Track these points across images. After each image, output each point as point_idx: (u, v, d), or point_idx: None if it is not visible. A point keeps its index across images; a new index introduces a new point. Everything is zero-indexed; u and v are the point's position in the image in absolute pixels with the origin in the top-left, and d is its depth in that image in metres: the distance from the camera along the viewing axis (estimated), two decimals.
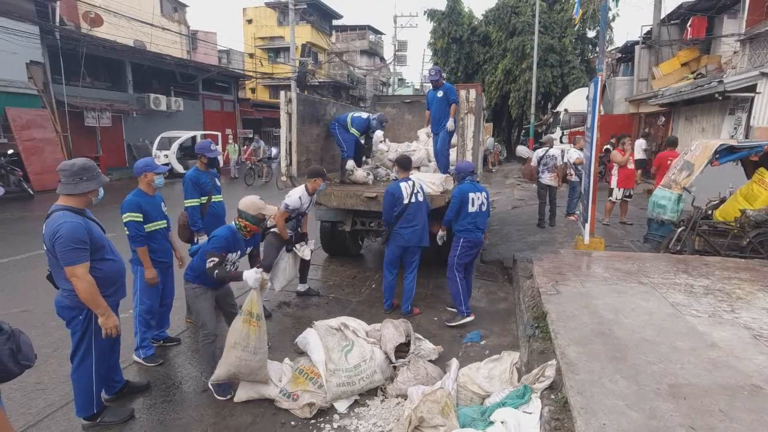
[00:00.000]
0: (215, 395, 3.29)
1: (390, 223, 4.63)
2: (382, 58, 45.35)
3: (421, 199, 4.65)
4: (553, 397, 2.70)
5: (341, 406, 3.21)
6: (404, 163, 4.75)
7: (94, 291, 2.66)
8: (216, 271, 3.16)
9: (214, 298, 3.44)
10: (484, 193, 4.65)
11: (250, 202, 3.38)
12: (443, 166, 6.09)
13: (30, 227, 8.54)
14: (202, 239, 4.31)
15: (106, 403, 3.16)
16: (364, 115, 6.34)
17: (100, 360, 2.90)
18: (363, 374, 3.28)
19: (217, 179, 4.57)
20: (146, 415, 3.15)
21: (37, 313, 4.61)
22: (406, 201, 4.54)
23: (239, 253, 3.43)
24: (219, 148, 4.54)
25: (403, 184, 4.61)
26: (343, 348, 3.40)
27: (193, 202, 4.30)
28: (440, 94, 5.99)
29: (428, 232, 4.69)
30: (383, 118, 6.49)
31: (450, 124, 5.90)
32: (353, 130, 6.14)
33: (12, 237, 8.21)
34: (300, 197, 4.77)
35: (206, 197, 4.39)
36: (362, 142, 6.41)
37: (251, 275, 3.16)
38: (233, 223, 3.37)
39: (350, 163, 6.12)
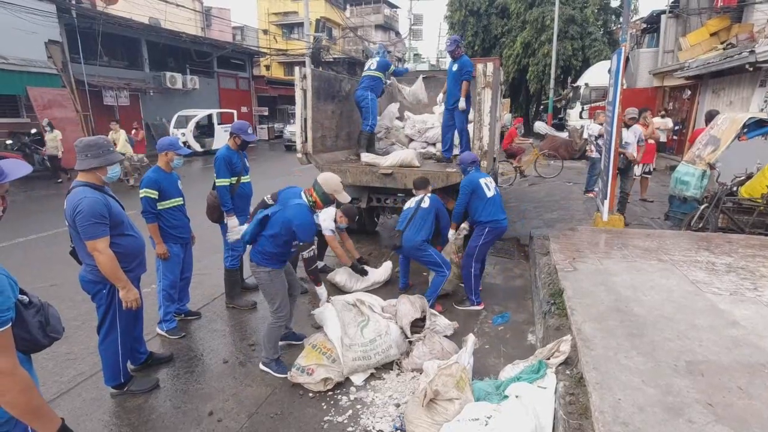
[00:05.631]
0: (274, 374, 3.32)
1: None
2: (397, 33, 44.43)
3: (425, 205, 4.47)
4: (568, 372, 2.71)
5: (357, 379, 3.28)
6: (418, 184, 4.65)
7: (114, 265, 2.73)
8: (314, 265, 3.23)
9: (285, 279, 3.36)
10: (490, 178, 4.51)
11: (330, 177, 3.19)
12: (465, 143, 5.82)
13: (55, 204, 8.79)
14: (231, 220, 4.28)
15: (133, 373, 3.29)
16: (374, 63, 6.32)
17: (125, 332, 3.01)
18: (378, 348, 3.33)
19: (246, 159, 4.47)
20: (170, 385, 3.27)
21: (65, 287, 4.78)
22: (408, 205, 4.58)
23: None
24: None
25: (410, 200, 4.64)
26: (359, 323, 3.45)
27: (224, 181, 4.21)
28: (455, 67, 5.66)
29: (425, 242, 4.42)
30: (382, 45, 6.55)
31: (461, 104, 5.60)
32: (376, 74, 6.14)
33: (38, 214, 8.47)
34: (334, 221, 4.80)
35: (236, 177, 4.31)
36: (386, 81, 6.40)
37: (324, 294, 3.48)
38: (304, 198, 3.14)
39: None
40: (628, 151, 6.81)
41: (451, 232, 4.63)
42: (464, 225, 4.59)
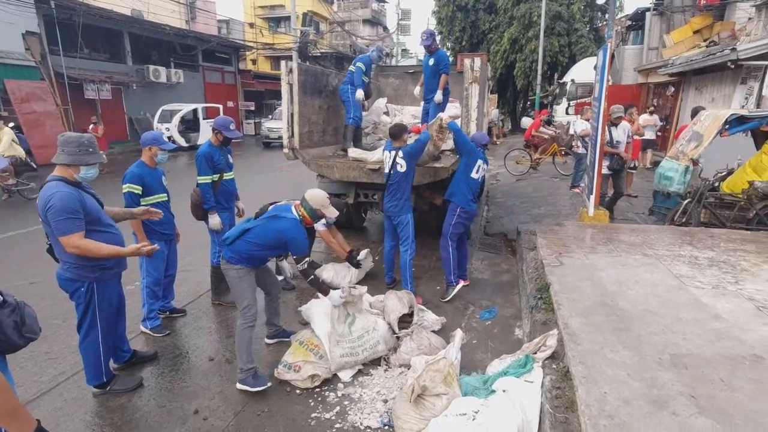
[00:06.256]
0: (251, 389, 3.08)
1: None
2: (385, 28, 44.22)
3: (401, 169, 4.36)
4: (554, 366, 2.73)
5: (345, 375, 3.26)
6: (394, 132, 4.48)
7: (98, 247, 2.67)
8: (312, 276, 3.13)
9: (255, 279, 3.25)
10: (487, 166, 4.63)
11: (316, 194, 3.22)
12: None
13: (35, 200, 8.57)
14: (213, 218, 4.22)
15: (116, 372, 3.23)
16: (366, 54, 6.33)
17: (106, 330, 2.95)
18: (366, 345, 3.32)
19: (229, 156, 4.39)
20: (155, 383, 3.22)
21: (45, 284, 4.67)
22: (386, 170, 4.47)
23: None
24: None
25: (385, 152, 4.53)
26: (346, 318, 3.43)
27: (206, 179, 4.14)
28: (431, 62, 5.65)
29: (408, 203, 4.51)
30: (381, 47, 6.39)
31: (437, 97, 5.59)
32: (359, 64, 6.03)
33: (17, 210, 8.25)
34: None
35: (218, 174, 4.23)
36: (367, 80, 6.27)
37: (337, 297, 3.27)
38: (294, 213, 3.15)
39: (360, 93, 6.03)
40: (620, 150, 6.66)
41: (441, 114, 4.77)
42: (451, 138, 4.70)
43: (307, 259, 3.11)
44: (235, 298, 3.25)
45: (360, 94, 6.01)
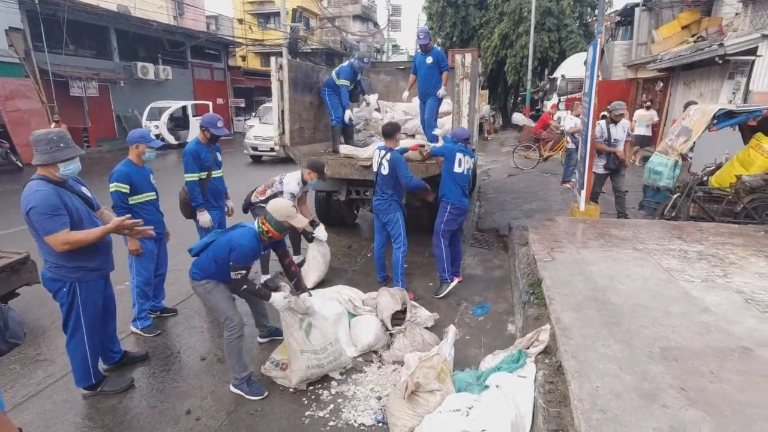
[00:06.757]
0: (247, 396, 3.02)
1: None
2: (375, 24, 44.07)
3: (384, 172, 4.36)
4: (547, 361, 2.75)
5: (336, 372, 3.25)
6: (387, 131, 4.48)
7: (86, 235, 2.64)
8: (245, 285, 2.97)
9: (227, 289, 3.10)
10: (472, 159, 4.65)
11: (279, 205, 3.04)
12: (429, 137, 5.87)
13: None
14: (202, 216, 4.21)
15: (106, 373, 3.20)
16: (347, 63, 6.15)
17: (92, 331, 2.90)
18: (330, 357, 3.18)
19: (218, 153, 4.35)
20: (146, 384, 3.19)
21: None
22: (374, 168, 4.49)
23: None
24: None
25: (376, 150, 4.54)
26: (301, 325, 3.14)
27: (193, 176, 4.11)
28: (429, 60, 5.66)
29: (396, 203, 4.49)
30: (363, 54, 6.20)
31: (442, 91, 5.68)
32: (342, 81, 5.92)
33: (4, 210, 8.11)
34: (298, 183, 4.62)
35: (206, 172, 4.20)
36: (352, 89, 6.18)
37: (279, 300, 3.03)
38: (255, 224, 3.02)
39: (347, 115, 5.99)
40: (618, 149, 6.34)
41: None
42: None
43: (242, 271, 2.95)
44: (213, 313, 3.16)
45: (347, 115, 6.02)
